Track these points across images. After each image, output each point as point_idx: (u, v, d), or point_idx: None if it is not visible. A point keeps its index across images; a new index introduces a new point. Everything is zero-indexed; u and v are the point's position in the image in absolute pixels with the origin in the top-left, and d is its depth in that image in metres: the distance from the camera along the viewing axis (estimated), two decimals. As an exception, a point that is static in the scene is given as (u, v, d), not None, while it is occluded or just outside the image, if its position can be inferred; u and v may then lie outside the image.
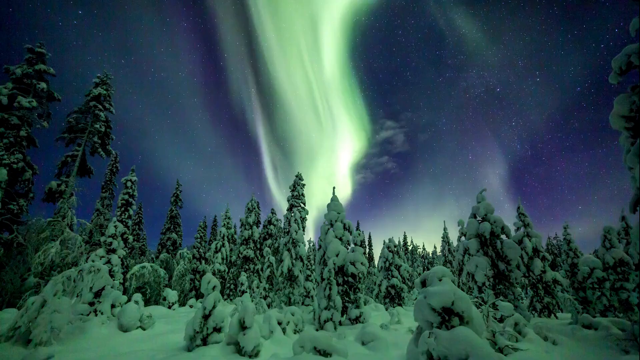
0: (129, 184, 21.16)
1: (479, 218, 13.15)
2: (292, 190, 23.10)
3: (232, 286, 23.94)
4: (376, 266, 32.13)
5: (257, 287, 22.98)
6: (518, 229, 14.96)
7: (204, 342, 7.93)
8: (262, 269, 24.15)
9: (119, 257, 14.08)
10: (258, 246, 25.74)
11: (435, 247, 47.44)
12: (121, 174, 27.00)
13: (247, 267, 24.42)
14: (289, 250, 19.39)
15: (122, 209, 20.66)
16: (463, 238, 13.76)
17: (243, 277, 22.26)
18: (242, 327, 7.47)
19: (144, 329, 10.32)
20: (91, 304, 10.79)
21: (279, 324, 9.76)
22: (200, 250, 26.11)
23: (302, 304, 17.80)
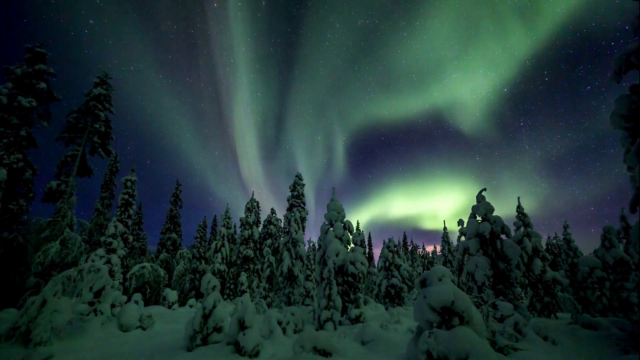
0: (128, 183, 21.15)
1: (478, 218, 13.13)
2: (292, 190, 23.12)
3: (232, 286, 23.92)
4: (376, 266, 32.14)
5: (257, 287, 22.98)
6: (518, 228, 14.96)
7: (204, 341, 7.93)
8: (262, 269, 24.14)
9: (119, 257, 14.09)
10: (258, 246, 25.73)
11: (435, 247, 47.44)
12: (121, 174, 27.03)
13: (247, 267, 24.41)
14: (288, 250, 19.38)
15: (122, 208, 20.66)
16: (463, 238, 13.75)
17: (243, 277, 22.25)
18: (242, 327, 7.46)
19: (144, 329, 10.32)
20: (91, 304, 10.80)
21: (279, 324, 9.75)
22: (200, 250, 26.11)
23: (302, 303, 17.79)
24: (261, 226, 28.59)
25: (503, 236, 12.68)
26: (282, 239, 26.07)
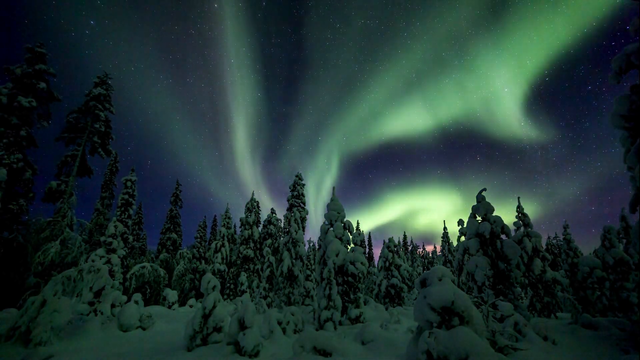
0: (128, 183, 21.15)
1: (478, 218, 13.13)
2: (292, 190, 23.11)
3: (232, 286, 23.93)
4: (376, 266, 32.12)
5: (257, 287, 22.98)
6: (518, 228, 14.95)
7: (204, 341, 7.93)
8: (262, 269, 24.14)
9: (119, 257, 14.08)
10: (258, 246, 25.73)
11: (435, 247, 47.46)
12: (121, 174, 27.04)
13: (247, 267, 24.41)
14: (288, 250, 19.38)
15: (122, 208, 20.65)
16: (463, 238, 13.75)
17: (243, 277, 22.25)
18: (242, 327, 7.46)
19: (144, 329, 10.32)
20: (91, 304, 10.80)
21: (279, 324, 9.75)
22: (200, 250, 26.12)
23: (302, 303, 17.78)
24: (261, 226, 28.60)
25: (503, 236, 12.68)
26: (282, 239, 26.07)
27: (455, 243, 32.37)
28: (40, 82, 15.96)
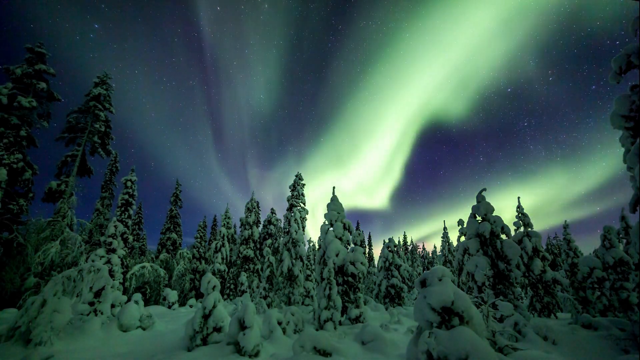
0: (128, 183, 21.13)
1: (478, 218, 13.14)
2: (292, 190, 23.07)
3: (232, 286, 23.92)
4: (376, 266, 32.14)
5: (257, 287, 22.97)
6: (518, 228, 14.96)
7: (204, 341, 7.93)
8: (262, 269, 24.14)
9: (119, 257, 14.08)
10: (258, 246, 25.73)
11: (435, 247, 47.45)
12: (121, 174, 27.04)
13: (247, 267, 24.41)
14: (288, 250, 19.38)
15: (122, 208, 20.63)
16: (463, 238, 13.75)
17: (243, 277, 22.25)
18: (242, 327, 7.46)
19: (144, 329, 10.32)
20: (91, 304, 10.79)
21: (279, 324, 9.75)
22: (200, 250, 26.11)
23: (302, 303, 17.79)
24: (261, 226, 28.60)
25: (503, 236, 12.68)
26: (282, 239, 26.08)
27: (455, 243, 32.38)
28: (40, 82, 15.95)
